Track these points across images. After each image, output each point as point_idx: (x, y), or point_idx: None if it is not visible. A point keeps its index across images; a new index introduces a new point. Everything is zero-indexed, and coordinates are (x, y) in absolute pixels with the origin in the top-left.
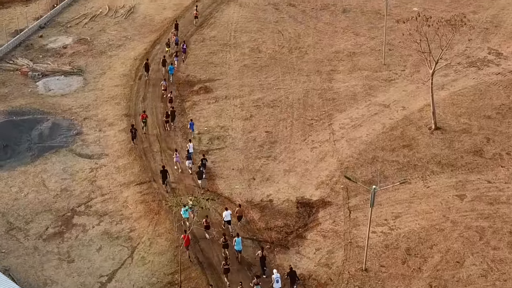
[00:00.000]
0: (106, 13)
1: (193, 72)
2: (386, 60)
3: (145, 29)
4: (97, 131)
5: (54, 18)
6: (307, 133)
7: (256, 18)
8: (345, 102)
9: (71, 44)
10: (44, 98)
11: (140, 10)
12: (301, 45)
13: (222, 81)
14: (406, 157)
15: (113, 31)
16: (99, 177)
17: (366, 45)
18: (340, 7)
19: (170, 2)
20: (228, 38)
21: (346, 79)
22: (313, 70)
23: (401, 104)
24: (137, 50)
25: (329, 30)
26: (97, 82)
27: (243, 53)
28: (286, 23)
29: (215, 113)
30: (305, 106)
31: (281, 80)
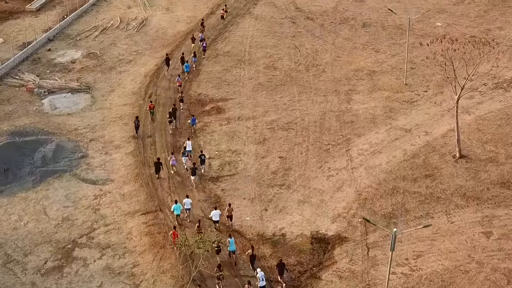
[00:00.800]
0: (118, 25)
1: (205, 90)
2: (408, 80)
3: (157, 43)
4: (103, 154)
5: (64, 30)
6: (323, 160)
7: (272, 32)
8: (364, 125)
9: (80, 58)
10: (49, 117)
11: (153, 22)
12: (319, 62)
13: (235, 101)
14: (429, 188)
15: (124, 45)
16: (103, 205)
17: (387, 63)
18: (360, 21)
19: (183, 14)
20: (242, 54)
21: (366, 100)
22: (330, 89)
23: (423, 129)
24: (147, 66)
25: (348, 46)
26: (105, 101)
27: (257, 70)
28: (303, 38)
29: (226, 135)
30: (321, 129)
31: (297, 100)
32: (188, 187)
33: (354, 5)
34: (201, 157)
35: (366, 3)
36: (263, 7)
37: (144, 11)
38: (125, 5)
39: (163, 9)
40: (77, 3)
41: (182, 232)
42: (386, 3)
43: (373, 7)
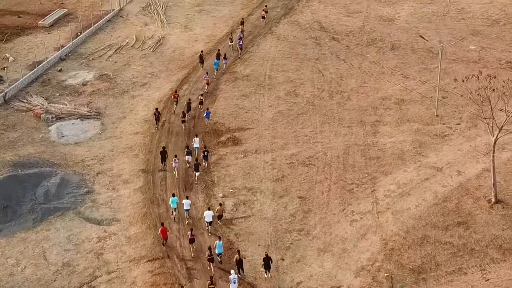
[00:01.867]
0: (133, 44)
1: (222, 118)
2: (439, 111)
3: (173, 65)
4: (110, 189)
5: (76, 49)
6: (346, 201)
7: (295, 54)
8: (391, 162)
9: (91, 80)
10: (56, 147)
11: (170, 41)
12: (343, 88)
13: (253, 131)
14: (462, 238)
15: (139, 66)
16: (106, 249)
17: (417, 91)
18: (388, 43)
19: (202, 33)
20: (262, 78)
21: (393, 133)
22: (355, 120)
23: (456, 168)
24: (162, 90)
25: (375, 70)
26: (115, 129)
27: (278, 97)
28: (328, 61)
29: (242, 170)
30: (345, 166)
31: (319, 132)
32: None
33: (382, 25)
34: (204, 153)
35: (395, 23)
36: (286, 26)
37: (161, 28)
38: (142, 22)
39: (181, 26)
40: (92, 19)
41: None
42: (417, 23)
43: (402, 27)
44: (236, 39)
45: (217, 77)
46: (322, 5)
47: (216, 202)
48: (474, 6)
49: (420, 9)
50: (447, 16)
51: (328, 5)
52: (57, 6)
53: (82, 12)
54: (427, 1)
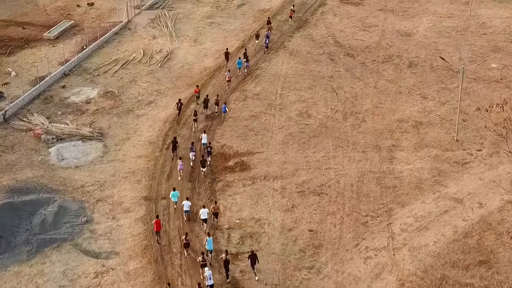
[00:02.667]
0: (140, 58)
1: (230, 141)
2: (459, 135)
3: (181, 82)
4: (110, 219)
5: (81, 63)
6: (360, 236)
7: (308, 71)
8: (409, 192)
9: (95, 98)
10: (55, 171)
11: (179, 56)
12: (358, 109)
13: (262, 155)
14: (483, 280)
15: (145, 82)
16: (104, 286)
17: (436, 113)
18: (406, 60)
19: (212, 47)
20: (273, 97)
21: (411, 159)
22: (371, 144)
23: (477, 199)
24: (168, 110)
25: (392, 90)
26: (118, 151)
27: (289, 118)
28: (342, 79)
29: (250, 199)
30: (359, 196)
31: (332, 157)
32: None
33: (400, 40)
34: (207, 148)
35: (413, 38)
36: (299, 40)
37: (170, 42)
38: (150, 35)
39: (190, 40)
40: (98, 31)
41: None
42: (436, 38)
43: (420, 42)
44: (262, 37)
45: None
46: (337, 18)
47: (222, 234)
48: (495, 20)
49: (439, 23)
50: (467, 31)
51: (344, 18)
52: (63, 17)
53: (89, 24)
54: (447, 14)
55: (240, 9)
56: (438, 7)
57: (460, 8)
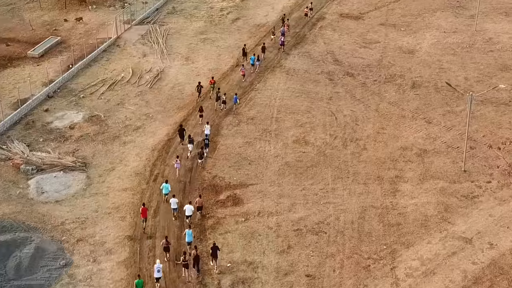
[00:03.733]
0: (129, 78)
1: (221, 171)
2: (467, 165)
3: (171, 105)
4: (91, 261)
5: (67, 84)
6: (361, 282)
7: (305, 93)
8: (414, 230)
9: (80, 122)
10: (34, 206)
11: (169, 75)
12: (359, 135)
13: (257, 188)
14: None
15: (133, 105)
16: None
17: (441, 139)
18: (409, 80)
19: (205, 66)
20: (269, 122)
21: (415, 193)
22: (372, 175)
23: (487, 239)
24: (157, 136)
25: (395, 113)
26: (102, 183)
27: (285, 145)
28: (342, 101)
29: (243, 239)
30: (360, 235)
31: (331, 190)
32: None
33: (402, 58)
34: (205, 141)
35: (416, 55)
36: (297, 59)
37: (161, 60)
38: (140, 53)
39: (182, 58)
40: (85, 49)
41: None
42: (440, 56)
43: (424, 60)
44: (278, 34)
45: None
46: (337, 33)
47: (211, 280)
48: (502, 36)
49: (443, 39)
50: (473, 48)
51: (343, 33)
52: (49, 33)
53: (76, 40)
54: (451, 29)
55: (235, 24)
56: (442, 21)
57: (465, 22)
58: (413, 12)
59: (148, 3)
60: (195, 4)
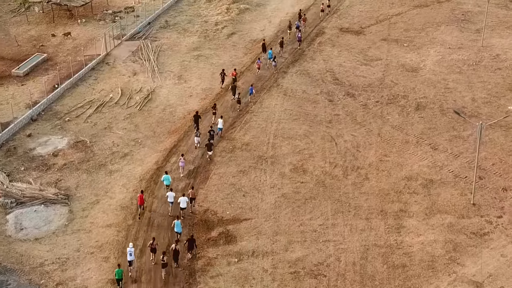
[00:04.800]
0: (118, 99)
1: (214, 204)
2: (476, 197)
3: (162, 129)
4: None
5: (52, 106)
6: None
7: (303, 115)
8: (420, 273)
9: (64, 149)
10: (11, 244)
11: (160, 96)
12: (360, 163)
13: (251, 223)
14: None
15: (121, 129)
16: None
17: (448, 168)
18: (413, 101)
19: (198, 86)
20: (265, 148)
21: (421, 229)
22: (375, 208)
23: (499, 283)
24: (145, 165)
25: (398, 138)
26: (85, 218)
27: (282, 174)
28: (342, 125)
29: (235, 282)
30: (363, 278)
31: (331, 225)
32: None
33: (406, 77)
34: (210, 132)
35: (420, 74)
36: (294, 77)
37: (152, 79)
38: (130, 71)
39: (174, 77)
40: (73, 67)
41: None
42: (445, 74)
43: (428, 79)
44: (294, 27)
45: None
46: (336, 50)
47: None
48: (510, 52)
49: (448, 55)
50: (480, 65)
51: (343, 50)
52: (36, 49)
53: (64, 57)
54: (456, 45)
55: (230, 40)
56: (447, 36)
57: (471, 37)
58: (416, 26)
59: (140, 16)
60: (189, 18)
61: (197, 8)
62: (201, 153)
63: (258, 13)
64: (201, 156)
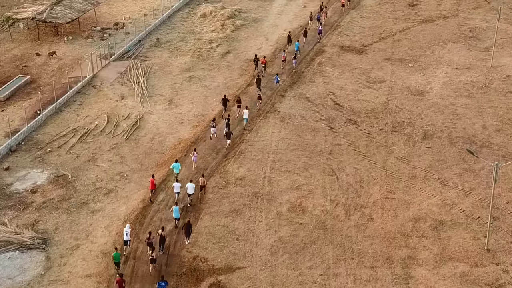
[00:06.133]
0: (103, 127)
1: (204, 250)
2: (491, 242)
3: (150, 161)
4: None
5: (33, 135)
6: None
7: (302, 145)
8: None
9: (44, 185)
10: None
11: (149, 123)
12: (364, 200)
13: (245, 273)
14: None
15: (106, 161)
16: None
17: (459, 207)
18: (419, 129)
19: (190, 111)
20: (260, 183)
21: (432, 280)
22: (381, 255)
23: None
24: (130, 203)
25: (405, 172)
26: (63, 266)
27: (279, 214)
28: (344, 156)
29: None
30: None
31: (333, 275)
32: None
33: (411, 101)
34: (226, 120)
35: (427, 98)
36: (293, 101)
37: (140, 104)
38: (118, 95)
39: (165, 101)
40: (56, 90)
41: None
42: (453, 98)
43: (436, 104)
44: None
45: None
46: (337, 70)
47: None
48: None
49: (456, 77)
50: (490, 88)
51: (344, 70)
52: (19, 70)
53: (48, 79)
54: (464, 65)
55: (225, 59)
56: (454, 55)
57: (480, 56)
58: (422, 44)
59: (130, 33)
60: (181, 35)
61: (191, 24)
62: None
63: (254, 30)
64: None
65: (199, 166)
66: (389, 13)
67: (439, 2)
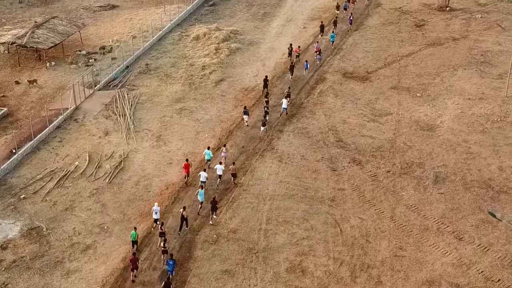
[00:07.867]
0: (84, 169)
1: None
2: None
3: (134, 209)
4: None
5: (7, 178)
6: None
7: (302, 189)
8: None
9: (16, 239)
10: None
11: (135, 164)
12: (371, 259)
13: None
14: None
15: (85, 210)
16: None
17: (477, 267)
18: (430, 171)
19: (179, 149)
20: (256, 237)
21: None
22: None
23: None
24: (110, 262)
25: (415, 223)
26: None
27: (276, 275)
28: (347, 204)
29: None
30: None
31: None
32: None
33: (420, 137)
34: (265, 108)
35: (437, 133)
36: (291, 138)
37: (126, 140)
38: (102, 130)
39: (153, 137)
40: (34, 126)
41: None
42: (466, 134)
43: (447, 141)
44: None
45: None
46: (339, 100)
47: None
48: None
49: (468, 109)
50: (505, 122)
51: (347, 101)
52: None
53: (26, 111)
54: (477, 95)
55: (219, 88)
56: (465, 83)
57: (493, 85)
58: (430, 69)
59: (117, 58)
60: (172, 61)
61: (183, 47)
62: None
63: (250, 54)
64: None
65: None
66: (394, 34)
67: (447, 22)
